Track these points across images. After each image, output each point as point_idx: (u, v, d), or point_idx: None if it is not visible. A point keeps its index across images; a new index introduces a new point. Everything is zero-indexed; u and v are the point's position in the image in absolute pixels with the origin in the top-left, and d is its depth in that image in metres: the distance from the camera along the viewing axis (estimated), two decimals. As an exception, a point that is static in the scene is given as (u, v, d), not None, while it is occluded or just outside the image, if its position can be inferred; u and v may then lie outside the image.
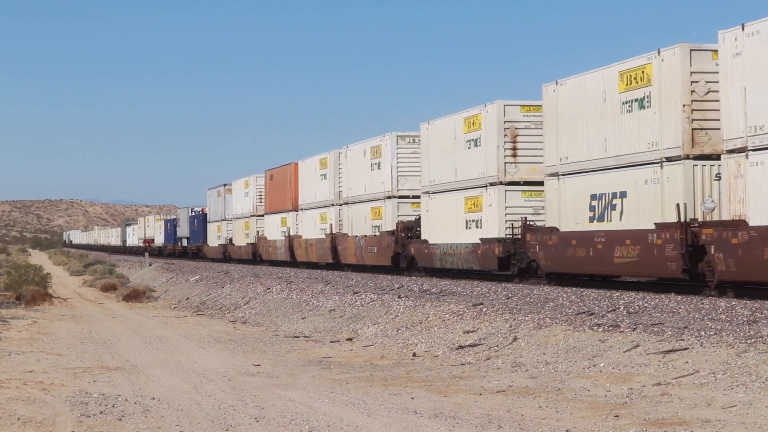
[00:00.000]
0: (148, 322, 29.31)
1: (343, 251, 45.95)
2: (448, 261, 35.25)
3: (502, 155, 32.13)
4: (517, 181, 32.19)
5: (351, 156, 46.21)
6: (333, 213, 48.04)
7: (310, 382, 15.68)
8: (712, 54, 23.99)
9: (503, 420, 11.90)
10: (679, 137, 24.08)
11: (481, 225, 33.22)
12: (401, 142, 41.36)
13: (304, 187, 53.39)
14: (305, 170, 53.38)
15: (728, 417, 11.32)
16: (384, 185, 41.71)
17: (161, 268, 60.77)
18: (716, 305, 19.99)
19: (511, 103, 32.33)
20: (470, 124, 34.01)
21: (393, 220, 40.70)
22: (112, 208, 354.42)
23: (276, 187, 59.29)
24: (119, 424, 12.11)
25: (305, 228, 52.65)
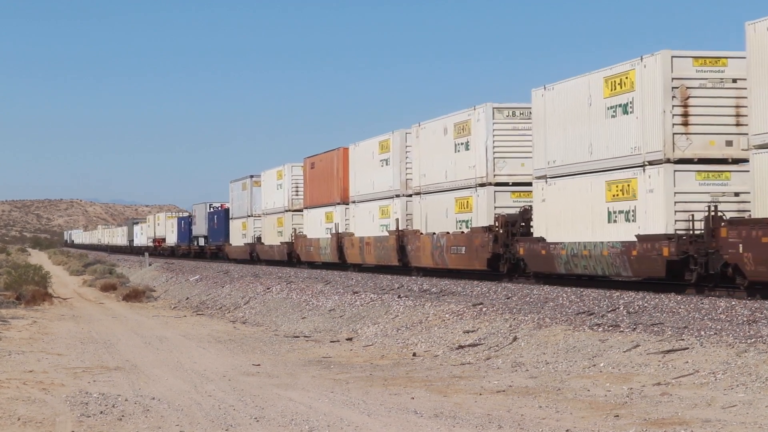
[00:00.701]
0: (148, 321, 29.31)
1: (414, 252, 38.03)
2: (578, 265, 27.64)
3: (669, 123, 24.66)
4: (689, 159, 24.73)
5: (425, 136, 37.80)
6: (398, 206, 40.38)
7: (310, 382, 15.68)
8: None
9: (503, 420, 11.90)
10: None
11: (634, 217, 25.66)
12: (498, 116, 33.14)
13: (357, 176, 45.19)
14: (359, 155, 45.10)
15: (728, 417, 11.33)
16: (475, 170, 33.57)
17: (161, 267, 60.78)
18: (716, 305, 20.00)
19: (681, 54, 25.07)
20: (615, 85, 26.69)
21: (489, 213, 32.75)
22: (112, 208, 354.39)
23: (318, 176, 51.06)
24: (119, 424, 12.11)
25: (359, 224, 44.71)
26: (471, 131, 34.04)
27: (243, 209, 67.70)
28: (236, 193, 70.44)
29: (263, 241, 61.79)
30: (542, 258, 29.40)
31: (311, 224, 52.01)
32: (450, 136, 35.64)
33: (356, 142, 45.69)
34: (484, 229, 32.56)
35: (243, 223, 67.54)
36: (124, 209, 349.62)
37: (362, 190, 44.56)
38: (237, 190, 70.22)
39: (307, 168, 53.14)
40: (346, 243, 45.77)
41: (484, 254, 32.31)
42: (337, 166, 48.03)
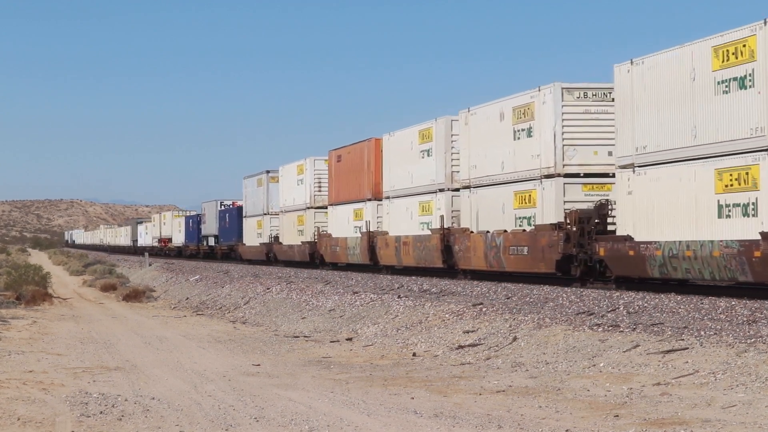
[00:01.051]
0: (148, 321, 29.31)
1: (462, 253, 33.76)
2: (678, 268, 23.73)
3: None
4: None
5: (476, 123, 33.55)
6: (443, 201, 36.06)
7: (310, 382, 15.68)
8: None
9: (503, 420, 11.90)
10: None
11: (755, 211, 21.73)
12: (567, 97, 29.12)
13: (392, 169, 40.78)
14: (394, 146, 40.69)
15: (728, 417, 11.33)
16: (539, 159, 29.58)
17: (161, 268, 60.78)
18: (716, 305, 20.00)
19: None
20: (728, 55, 22.48)
21: (557, 208, 28.69)
22: (112, 208, 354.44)
23: (346, 170, 46.42)
24: (119, 424, 12.11)
25: (394, 222, 40.48)
26: (534, 115, 29.90)
27: (258, 207, 63.05)
28: (250, 190, 65.72)
29: (281, 240, 57.52)
30: (629, 260, 25.36)
31: (337, 222, 47.41)
32: (507, 122, 31.40)
33: (391, 132, 41.20)
34: (553, 226, 28.42)
35: (258, 221, 62.91)
36: (125, 209, 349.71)
37: (398, 184, 40.17)
38: (251, 187, 65.41)
39: (333, 161, 48.49)
40: (379, 243, 41.27)
41: (552, 255, 28.23)
42: (367, 159, 43.51)
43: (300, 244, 53.14)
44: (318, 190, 52.27)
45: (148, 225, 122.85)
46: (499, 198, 31.91)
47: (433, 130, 37.06)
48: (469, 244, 33.27)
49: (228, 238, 73.18)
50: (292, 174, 55.96)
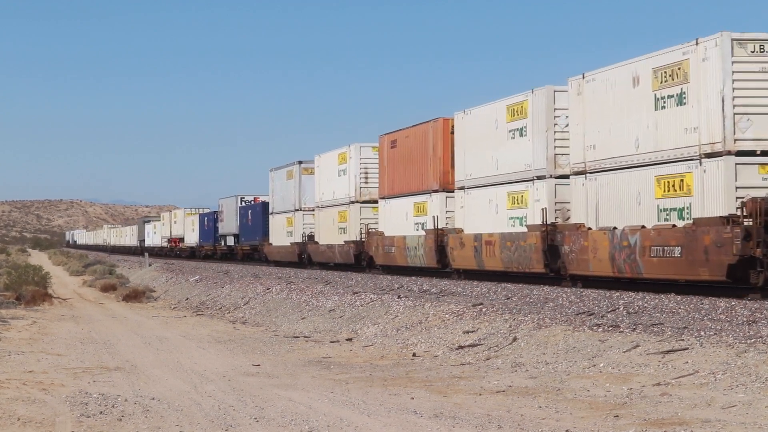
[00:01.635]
0: (147, 322, 29.32)
1: (575, 255, 27.31)
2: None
3: None
4: None
5: (594, 92, 27.13)
6: (543, 191, 29.26)
7: (310, 382, 15.68)
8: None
9: (503, 420, 11.90)
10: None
11: None
12: (740, 52, 22.58)
13: (468, 154, 34.14)
14: (471, 126, 34.08)
15: (728, 417, 11.33)
16: (697, 134, 23.23)
17: (161, 268, 60.77)
18: (716, 305, 19.99)
19: None
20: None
21: (726, 196, 22.39)
22: (112, 208, 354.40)
23: (404, 157, 39.54)
24: (119, 424, 12.11)
25: (471, 217, 33.80)
26: (689, 77, 23.54)
27: (288, 202, 56.26)
28: (279, 184, 58.60)
29: (318, 239, 50.82)
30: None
31: (391, 218, 40.82)
32: (645, 88, 25.06)
33: (466, 109, 34.57)
34: (723, 219, 22.16)
35: (288, 218, 56.18)
36: (125, 209, 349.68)
37: (477, 171, 33.47)
38: (280, 180, 58.41)
39: (385, 147, 41.67)
40: (451, 242, 34.68)
41: (721, 258, 22.03)
42: (433, 143, 36.80)
43: (342, 243, 46.41)
44: (364, 181, 45.35)
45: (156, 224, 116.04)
46: (631, 185, 25.54)
47: (528, 104, 30.21)
48: (586, 244, 26.81)
49: (250, 238, 66.77)
50: (332, 164, 48.82)
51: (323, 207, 50.33)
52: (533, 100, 30.00)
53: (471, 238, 33.43)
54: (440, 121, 36.48)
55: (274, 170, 59.88)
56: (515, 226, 30.85)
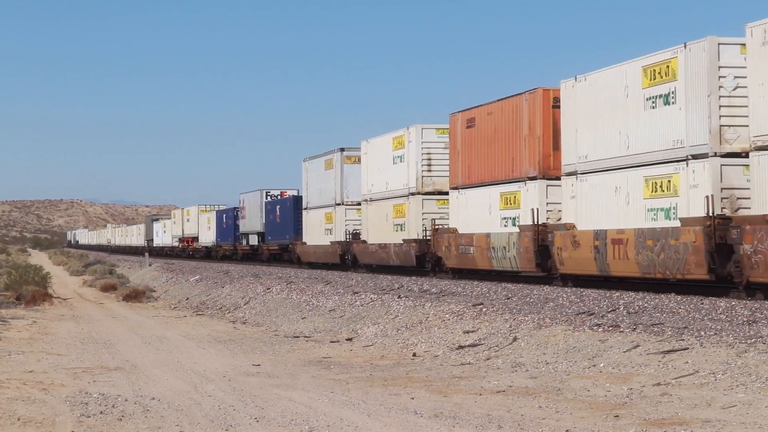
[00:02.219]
0: (148, 322, 29.32)
1: (761, 255, 21.08)
2: None
3: None
4: None
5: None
6: (706, 174, 23.22)
7: (310, 382, 15.68)
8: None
9: (503, 420, 11.90)
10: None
11: None
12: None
13: (581, 131, 27.72)
14: (586, 96, 27.76)
15: (728, 417, 11.33)
16: None
17: (161, 268, 60.80)
18: (716, 305, 19.99)
19: None
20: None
21: None
22: (112, 208, 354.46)
23: (485, 139, 33.10)
24: (119, 424, 12.11)
25: (589, 208, 27.43)
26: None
27: (327, 195, 49.56)
28: (315, 175, 51.76)
29: (366, 238, 43.90)
30: None
31: (469, 212, 34.12)
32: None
33: (578, 76, 28.21)
34: None
35: (327, 214, 49.35)
36: (124, 209, 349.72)
37: (596, 152, 27.17)
38: (316, 171, 51.62)
39: (459, 127, 35.04)
40: (560, 241, 28.35)
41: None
42: (529, 120, 30.53)
43: (400, 243, 39.56)
44: (427, 169, 38.52)
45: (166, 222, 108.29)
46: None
47: (678, 63, 24.21)
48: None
49: (279, 236, 59.84)
50: (384, 150, 41.91)
51: (373, 200, 43.21)
52: (687, 57, 23.87)
53: (589, 235, 26.82)
54: (539, 93, 30.04)
55: (309, 160, 52.88)
56: (657, 219, 24.66)
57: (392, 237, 40.66)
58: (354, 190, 46.91)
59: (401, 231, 39.87)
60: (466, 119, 34.52)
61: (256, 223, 66.40)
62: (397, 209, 40.46)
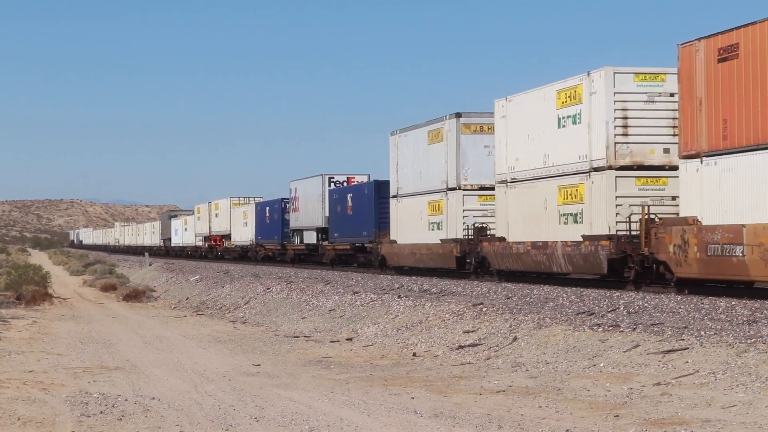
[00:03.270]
0: (148, 321, 29.33)
1: None
2: None
3: None
4: None
5: None
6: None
7: (310, 382, 15.69)
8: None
9: (503, 420, 11.90)
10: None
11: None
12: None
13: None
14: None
15: (728, 417, 11.33)
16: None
17: (161, 268, 60.82)
18: (716, 305, 20.00)
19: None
20: None
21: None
22: (112, 208, 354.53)
23: (756, 77, 21.48)
24: (119, 424, 12.11)
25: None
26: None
27: (432, 178, 37.04)
28: (410, 151, 39.36)
29: (503, 234, 31.91)
30: None
31: (727, 192, 22.51)
32: None
33: None
34: None
35: (434, 203, 36.99)
36: (124, 209, 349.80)
37: None
38: (411, 146, 39.24)
39: (701, 62, 23.10)
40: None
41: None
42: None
43: (577, 241, 27.62)
44: (622, 132, 26.60)
45: (188, 219, 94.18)
46: None
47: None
48: None
49: (350, 232, 47.86)
50: (543, 108, 29.70)
51: (518, 181, 31.07)
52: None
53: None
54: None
55: (402, 132, 40.39)
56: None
57: (558, 232, 28.62)
58: (475, 169, 35.32)
59: (577, 223, 27.95)
60: (718, 48, 22.79)
61: (315, 216, 54.42)
62: (568, 192, 28.43)
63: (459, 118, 35.54)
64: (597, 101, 27.01)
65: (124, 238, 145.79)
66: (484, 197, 34.85)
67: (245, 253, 71.20)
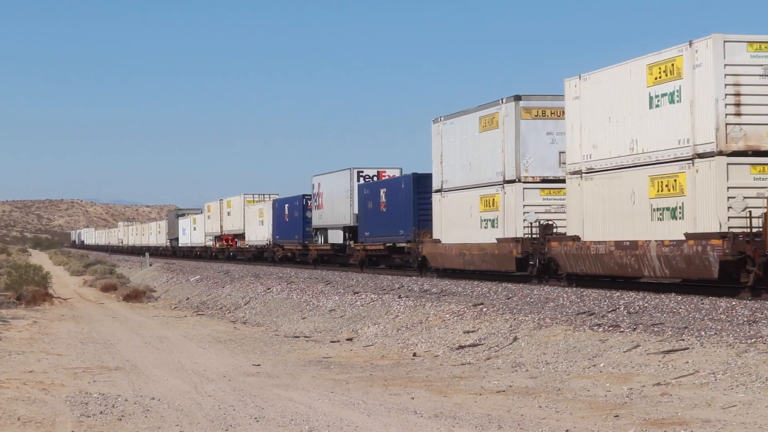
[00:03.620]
0: (148, 322, 29.33)
1: None
2: None
3: None
4: None
5: None
6: None
7: (310, 382, 15.69)
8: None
9: (503, 420, 11.90)
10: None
11: None
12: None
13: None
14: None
15: (728, 417, 11.33)
16: None
17: (161, 268, 60.83)
18: (716, 305, 20.00)
19: None
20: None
21: None
22: (112, 208, 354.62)
23: None
24: (119, 424, 12.11)
25: None
26: None
27: (486, 169, 32.78)
28: (459, 140, 34.80)
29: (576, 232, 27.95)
30: None
31: None
32: None
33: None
34: None
35: (487, 197, 32.68)
36: (125, 209, 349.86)
37: None
38: (461, 133, 34.69)
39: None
40: None
41: None
42: None
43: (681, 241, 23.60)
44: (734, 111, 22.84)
45: (197, 218, 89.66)
46: None
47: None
48: None
49: (384, 230, 43.23)
50: (628, 87, 25.94)
51: (595, 172, 27.29)
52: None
53: None
54: None
55: (446, 120, 35.96)
56: None
57: (650, 230, 24.87)
58: (536, 159, 31.28)
59: (675, 219, 24.16)
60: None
61: (342, 213, 49.67)
62: (663, 183, 24.60)
63: (518, 101, 31.21)
64: (702, 75, 23.14)
65: (128, 238, 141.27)
66: (547, 191, 31.13)
67: (261, 254, 66.88)
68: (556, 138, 30.54)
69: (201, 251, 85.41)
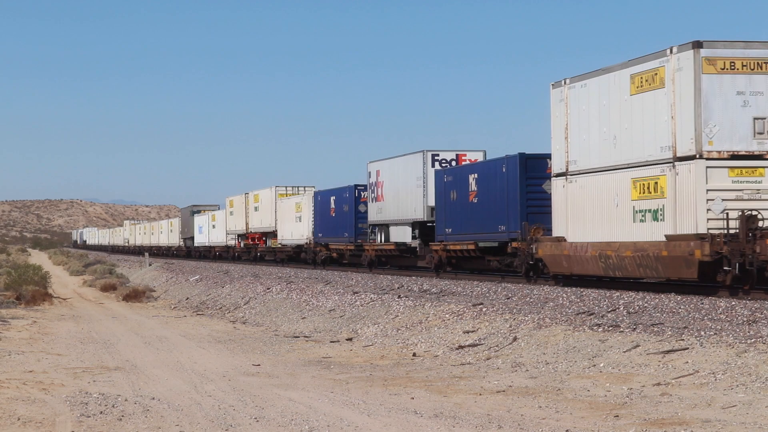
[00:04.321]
0: (148, 322, 29.32)
1: None
2: None
3: None
4: None
5: None
6: None
7: (310, 382, 15.69)
8: None
9: (503, 420, 11.90)
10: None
11: None
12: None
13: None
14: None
15: (728, 417, 11.33)
16: None
17: (161, 268, 60.82)
18: (716, 305, 20.00)
19: None
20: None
21: None
22: (112, 208, 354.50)
23: None
24: (119, 424, 12.11)
25: None
26: None
27: (637, 144, 24.96)
28: (590, 108, 26.83)
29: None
30: None
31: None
32: None
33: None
34: None
35: (643, 182, 24.64)
36: (125, 209, 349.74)
37: None
38: (591, 99, 26.89)
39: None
40: None
41: None
42: None
43: None
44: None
45: (216, 214, 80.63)
46: None
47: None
48: None
49: (476, 227, 34.74)
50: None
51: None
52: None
53: None
54: None
55: (573, 82, 27.87)
56: None
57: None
58: (724, 129, 23.19)
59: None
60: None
61: (412, 205, 40.95)
62: None
63: (699, 48, 23.21)
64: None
65: (134, 237, 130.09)
66: (739, 170, 23.22)
67: (297, 255, 57.58)
68: (749, 99, 23.18)
69: (221, 251, 76.61)
